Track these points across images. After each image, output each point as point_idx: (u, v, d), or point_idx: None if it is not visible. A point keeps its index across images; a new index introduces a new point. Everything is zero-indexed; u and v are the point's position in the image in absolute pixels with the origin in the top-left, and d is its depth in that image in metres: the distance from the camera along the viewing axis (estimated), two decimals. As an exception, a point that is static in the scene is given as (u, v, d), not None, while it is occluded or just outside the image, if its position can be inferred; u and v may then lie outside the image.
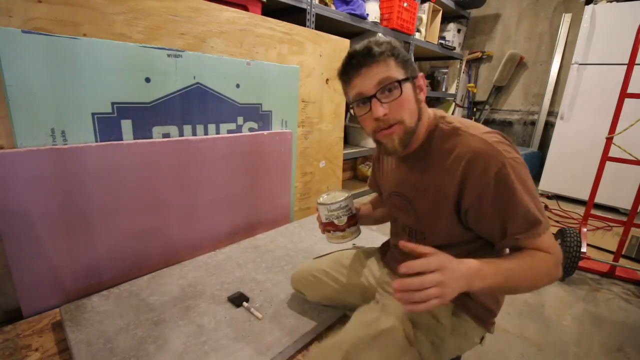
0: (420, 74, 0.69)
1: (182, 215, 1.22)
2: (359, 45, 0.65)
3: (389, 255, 0.88)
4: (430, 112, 0.71)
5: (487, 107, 3.51)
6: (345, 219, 0.81)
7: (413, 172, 0.73)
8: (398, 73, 0.64)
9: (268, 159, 1.47)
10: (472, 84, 3.61)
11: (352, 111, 0.71)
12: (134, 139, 1.07)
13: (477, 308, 0.70)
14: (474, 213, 0.63)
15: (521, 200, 0.58)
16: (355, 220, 0.83)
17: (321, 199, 0.84)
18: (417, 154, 0.71)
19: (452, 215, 0.66)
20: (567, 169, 2.67)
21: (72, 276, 1.00)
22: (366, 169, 2.84)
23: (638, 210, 1.54)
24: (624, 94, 1.52)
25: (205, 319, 0.90)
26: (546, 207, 2.47)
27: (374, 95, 0.63)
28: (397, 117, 0.64)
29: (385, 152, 0.76)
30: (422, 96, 0.68)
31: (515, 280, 0.58)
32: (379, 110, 0.63)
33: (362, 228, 0.89)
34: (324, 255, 0.98)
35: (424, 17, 2.73)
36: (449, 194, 0.64)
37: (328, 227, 0.83)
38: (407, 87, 0.65)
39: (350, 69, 0.66)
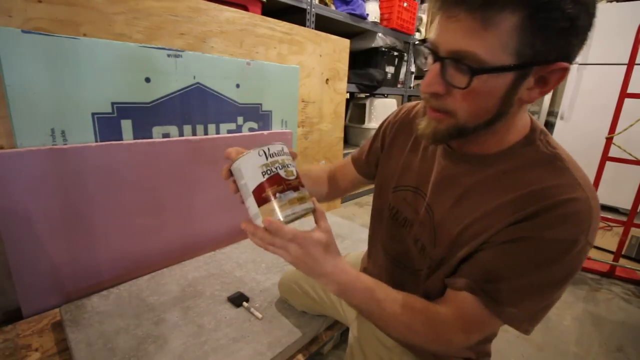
0: (562, 65, 0.38)
1: (182, 215, 1.22)
2: None
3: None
4: (526, 119, 0.49)
5: (487, 107, 3.52)
6: (294, 170, 0.48)
7: (456, 181, 0.52)
8: (499, 51, 0.37)
9: (268, 159, 1.46)
10: (472, 84, 3.61)
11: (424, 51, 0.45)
12: (134, 139, 1.07)
13: None
14: (480, 253, 0.47)
15: (547, 287, 0.44)
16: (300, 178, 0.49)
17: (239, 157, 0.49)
18: (483, 161, 0.50)
19: (454, 265, 0.51)
20: (567, 169, 2.67)
21: (72, 276, 1.00)
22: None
23: (638, 210, 1.54)
24: (624, 94, 1.52)
25: (205, 319, 0.90)
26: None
27: (441, 58, 0.40)
28: (446, 105, 0.43)
29: (417, 132, 0.50)
30: (533, 95, 0.42)
31: (373, 316, 0.50)
32: (427, 83, 0.42)
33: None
34: None
35: (424, 17, 2.73)
36: (475, 237, 0.47)
37: (268, 189, 0.45)
38: (494, 79, 0.39)
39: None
